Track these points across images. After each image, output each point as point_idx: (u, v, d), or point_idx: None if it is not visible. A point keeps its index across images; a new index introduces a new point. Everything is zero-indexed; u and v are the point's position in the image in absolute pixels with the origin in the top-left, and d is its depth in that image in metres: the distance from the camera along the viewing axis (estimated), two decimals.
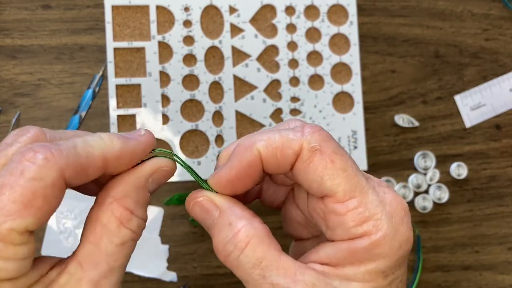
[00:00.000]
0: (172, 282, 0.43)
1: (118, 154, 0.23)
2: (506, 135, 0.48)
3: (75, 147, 0.22)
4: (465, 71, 0.48)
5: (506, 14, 0.49)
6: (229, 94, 0.44)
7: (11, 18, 0.43)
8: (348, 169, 0.24)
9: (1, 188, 0.20)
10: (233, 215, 0.25)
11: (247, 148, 0.24)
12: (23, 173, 0.20)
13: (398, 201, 0.24)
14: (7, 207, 0.20)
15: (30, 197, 0.20)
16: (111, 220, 0.23)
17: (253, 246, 0.24)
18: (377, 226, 0.23)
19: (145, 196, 0.25)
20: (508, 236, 0.47)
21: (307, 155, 0.24)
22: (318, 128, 0.24)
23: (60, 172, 0.21)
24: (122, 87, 0.43)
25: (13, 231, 0.20)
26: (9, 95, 0.43)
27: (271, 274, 0.24)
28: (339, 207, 0.24)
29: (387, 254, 0.23)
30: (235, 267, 0.24)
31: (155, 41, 0.44)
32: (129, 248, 0.24)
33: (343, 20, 0.46)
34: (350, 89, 0.46)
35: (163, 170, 0.25)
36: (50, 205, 0.21)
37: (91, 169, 0.22)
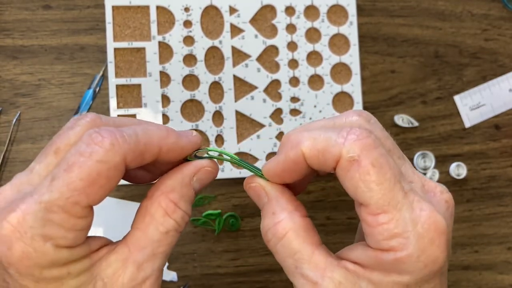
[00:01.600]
0: (172, 282, 0.43)
1: (171, 146, 0.26)
2: (506, 135, 0.48)
3: (137, 134, 0.24)
4: (464, 71, 0.48)
5: (506, 14, 0.49)
6: (229, 94, 0.44)
7: (11, 18, 0.43)
8: (384, 183, 0.24)
9: (72, 166, 0.23)
10: (277, 205, 0.27)
11: (292, 146, 0.26)
12: (92, 155, 0.23)
13: (433, 221, 0.24)
14: (75, 183, 0.22)
15: (95, 177, 0.23)
16: (158, 210, 0.25)
17: (289, 238, 0.26)
18: (403, 244, 0.24)
19: (190, 193, 0.27)
20: (507, 236, 0.47)
21: (345, 164, 0.24)
22: (364, 135, 0.24)
23: (123, 157, 0.23)
24: (123, 87, 0.43)
25: (77, 205, 0.22)
26: (9, 95, 0.43)
27: (302, 266, 0.25)
28: (371, 219, 0.24)
29: (411, 271, 0.24)
30: (274, 252, 0.27)
31: (155, 41, 0.44)
32: (172, 238, 0.26)
33: (343, 20, 0.46)
34: (350, 89, 0.46)
35: (206, 170, 0.28)
36: (111, 185, 0.23)
37: (148, 155, 0.25)
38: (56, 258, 0.23)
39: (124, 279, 0.24)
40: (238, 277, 0.44)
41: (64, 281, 0.23)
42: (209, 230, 0.44)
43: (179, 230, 0.26)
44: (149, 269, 0.25)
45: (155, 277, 0.25)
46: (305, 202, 0.43)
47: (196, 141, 0.28)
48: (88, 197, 0.23)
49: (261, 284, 0.44)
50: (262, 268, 0.44)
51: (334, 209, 0.45)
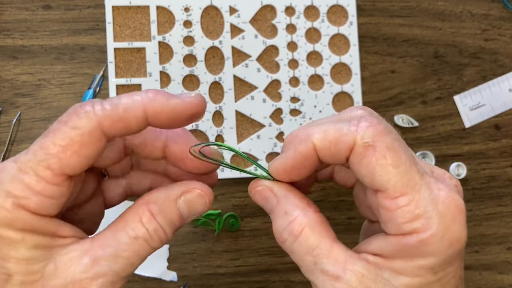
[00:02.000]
0: (172, 282, 0.43)
1: (159, 108, 0.24)
2: (506, 135, 0.48)
3: (116, 102, 0.24)
4: (464, 71, 0.48)
5: (506, 14, 0.49)
6: (229, 94, 0.44)
7: (11, 18, 0.43)
8: (400, 166, 0.24)
9: (48, 133, 0.23)
10: (289, 204, 0.26)
11: (302, 141, 0.25)
12: (67, 122, 0.23)
13: (452, 199, 0.24)
14: (49, 147, 0.23)
15: (69, 142, 0.23)
16: (133, 217, 0.25)
17: (306, 234, 0.25)
18: (426, 225, 0.23)
19: (172, 210, 0.26)
20: (507, 236, 0.47)
21: (360, 150, 0.24)
22: (375, 122, 0.24)
23: (97, 123, 0.23)
24: (123, 87, 0.43)
25: (48, 169, 0.23)
26: (9, 95, 0.43)
27: (322, 262, 0.25)
28: (390, 203, 0.24)
29: (436, 252, 0.24)
30: (290, 252, 0.26)
31: (156, 41, 0.44)
32: (140, 246, 0.25)
33: (343, 21, 0.46)
34: (350, 89, 0.46)
35: (196, 192, 0.26)
36: (87, 152, 0.23)
37: (132, 120, 0.24)
38: (14, 217, 0.22)
39: (76, 268, 0.23)
40: (238, 277, 0.44)
41: (17, 246, 0.23)
42: (209, 230, 0.44)
43: (150, 243, 0.25)
44: (105, 267, 0.24)
45: (111, 280, 0.24)
46: None
47: (191, 101, 0.25)
48: (61, 162, 0.23)
49: (261, 284, 0.44)
50: (262, 268, 0.44)
51: (334, 209, 0.45)
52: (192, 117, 0.25)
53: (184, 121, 0.25)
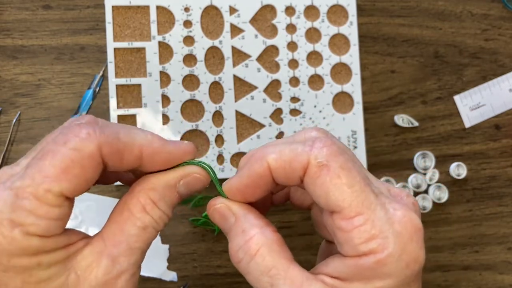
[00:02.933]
0: (172, 282, 0.43)
1: (155, 150, 0.25)
2: (506, 135, 0.48)
3: (118, 131, 0.24)
4: (464, 71, 0.48)
5: (506, 14, 0.49)
6: (229, 94, 0.44)
7: (11, 18, 0.43)
8: (355, 185, 0.24)
9: (45, 154, 0.23)
10: (246, 222, 0.26)
11: (257, 160, 0.25)
12: (66, 143, 0.23)
13: (408, 218, 0.24)
14: (47, 170, 0.22)
15: (69, 164, 0.22)
16: (137, 206, 0.25)
17: (263, 254, 0.25)
18: (383, 245, 0.23)
19: (172, 196, 0.26)
20: (507, 236, 0.47)
21: (314, 169, 0.24)
22: (329, 143, 0.24)
23: (97, 147, 0.23)
24: (123, 87, 0.43)
25: (49, 192, 0.22)
26: (9, 95, 0.43)
27: (278, 283, 0.24)
28: (345, 223, 0.24)
29: (393, 273, 0.23)
30: (246, 272, 0.25)
31: (155, 41, 0.44)
32: (149, 234, 0.25)
33: (343, 21, 0.46)
34: (350, 89, 0.46)
35: (195, 176, 0.27)
36: (86, 175, 0.23)
37: (127, 155, 0.24)
38: (26, 246, 0.22)
39: (98, 272, 0.23)
40: (238, 277, 0.44)
41: (33, 272, 0.22)
42: (209, 230, 0.44)
43: (157, 229, 0.25)
44: (124, 263, 0.24)
45: (131, 272, 0.24)
46: None
47: (185, 148, 0.26)
48: (60, 185, 0.22)
49: None
50: None
51: None
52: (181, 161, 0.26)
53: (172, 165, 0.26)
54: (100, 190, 0.42)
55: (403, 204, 0.25)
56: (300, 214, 0.41)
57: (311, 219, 0.31)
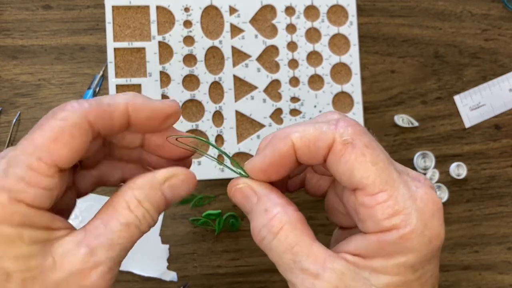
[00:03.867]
0: (172, 282, 0.43)
1: (139, 106, 0.26)
2: (506, 135, 0.48)
3: (100, 98, 0.25)
4: (464, 71, 0.48)
5: (506, 14, 0.49)
6: (229, 94, 0.44)
7: (11, 18, 0.43)
8: (379, 163, 0.24)
9: (36, 128, 0.24)
10: (269, 201, 0.26)
11: (281, 139, 0.26)
12: (54, 116, 0.24)
13: (430, 196, 0.25)
14: (38, 140, 0.23)
15: (58, 134, 0.23)
16: (121, 203, 0.25)
17: (286, 232, 0.25)
18: (406, 220, 0.24)
19: (157, 196, 0.26)
20: (507, 236, 0.47)
21: (339, 147, 0.24)
22: (353, 122, 0.25)
23: (83, 115, 0.24)
24: (123, 87, 0.43)
25: (40, 161, 0.23)
26: (9, 95, 0.43)
27: (301, 260, 0.25)
28: (369, 200, 0.24)
29: (416, 249, 0.24)
30: (269, 250, 0.26)
31: (155, 41, 0.44)
32: (131, 232, 0.25)
33: (343, 21, 0.46)
34: (350, 89, 0.46)
35: (178, 178, 0.27)
36: (76, 143, 0.24)
37: (115, 114, 0.25)
38: (11, 212, 0.22)
39: (74, 260, 0.23)
40: (238, 277, 0.44)
41: (15, 243, 0.22)
42: (209, 230, 0.44)
43: (140, 228, 0.25)
44: (102, 256, 0.24)
45: (108, 266, 0.24)
46: (306, 202, 0.43)
47: (170, 104, 0.27)
48: (51, 154, 0.23)
49: (261, 284, 0.44)
50: (262, 268, 0.44)
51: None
52: (168, 118, 0.27)
53: (161, 121, 0.27)
54: (100, 190, 0.42)
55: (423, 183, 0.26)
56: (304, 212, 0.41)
57: (325, 207, 0.31)
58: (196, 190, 0.44)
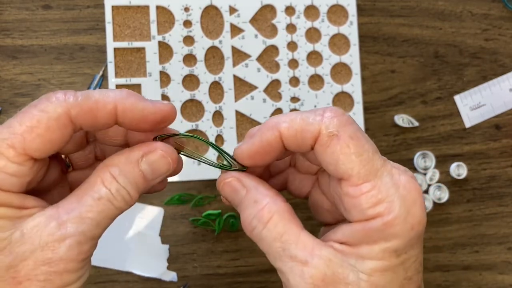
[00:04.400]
0: (172, 282, 0.43)
1: (128, 106, 0.25)
2: (506, 135, 0.48)
3: (89, 93, 0.25)
4: (464, 71, 0.48)
5: (506, 14, 0.49)
6: (229, 94, 0.44)
7: (11, 18, 0.43)
8: (363, 154, 0.25)
9: (18, 115, 0.24)
10: (258, 193, 0.27)
11: (269, 129, 0.26)
12: (36, 105, 0.24)
13: (412, 184, 0.25)
14: (14, 127, 0.24)
15: (34, 124, 0.23)
16: (95, 179, 0.25)
17: (275, 221, 0.26)
18: (389, 208, 0.24)
19: (134, 172, 0.26)
20: (507, 236, 0.47)
21: (325, 139, 0.25)
22: (339, 113, 0.26)
23: (65, 109, 0.24)
24: (123, 87, 0.43)
25: (11, 148, 0.23)
26: (9, 95, 0.43)
27: (290, 247, 0.25)
28: (354, 190, 0.25)
29: (399, 235, 0.25)
30: (259, 240, 0.26)
31: (155, 41, 0.44)
32: (104, 206, 0.25)
33: (343, 20, 0.46)
34: (350, 89, 0.46)
35: (158, 153, 0.26)
36: (51, 136, 0.24)
37: (101, 113, 0.25)
38: None
39: (42, 232, 0.24)
40: (238, 277, 0.44)
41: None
42: (209, 230, 0.44)
43: (114, 203, 0.25)
44: (71, 229, 0.24)
45: (78, 240, 0.24)
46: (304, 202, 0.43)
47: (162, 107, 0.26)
48: (24, 142, 0.23)
49: (261, 284, 0.44)
50: (262, 268, 0.44)
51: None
52: (160, 122, 0.26)
53: (151, 124, 0.26)
54: None
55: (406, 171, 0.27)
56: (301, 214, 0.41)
57: (310, 206, 0.32)
58: (196, 190, 0.44)
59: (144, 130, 0.26)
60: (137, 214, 0.43)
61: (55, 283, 0.24)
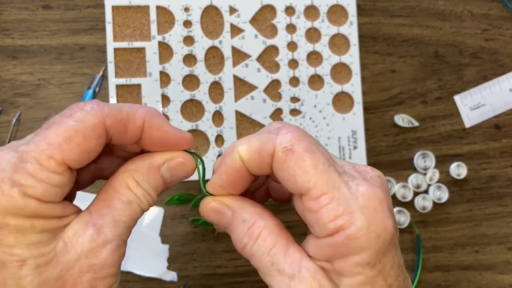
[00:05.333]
0: (172, 282, 0.43)
1: (155, 125, 0.26)
2: (506, 135, 0.48)
3: (121, 105, 0.25)
4: (464, 71, 0.48)
5: (506, 14, 0.49)
6: (229, 94, 0.44)
7: (11, 18, 0.43)
8: (319, 166, 0.24)
9: (51, 125, 0.24)
10: (245, 212, 0.27)
11: (229, 154, 0.26)
12: (71, 115, 0.24)
13: (371, 192, 0.25)
14: (51, 138, 0.24)
15: (72, 134, 0.24)
16: (121, 184, 0.26)
17: (264, 235, 0.26)
18: (349, 220, 0.24)
19: (155, 178, 0.27)
20: (507, 236, 0.47)
21: (280, 155, 0.25)
22: (292, 129, 0.26)
23: (101, 119, 0.24)
24: (123, 87, 0.43)
25: (51, 158, 0.23)
26: (9, 95, 0.43)
27: (278, 261, 0.25)
28: (313, 204, 0.24)
29: (367, 246, 0.24)
30: (250, 256, 0.27)
31: (155, 41, 0.44)
32: (134, 209, 0.26)
33: (343, 20, 0.46)
34: (350, 89, 0.46)
35: (179, 161, 0.27)
36: (88, 145, 0.24)
37: (131, 125, 0.25)
38: (22, 206, 0.23)
39: (84, 239, 0.24)
40: (238, 277, 0.44)
41: (25, 234, 0.23)
42: (209, 230, 0.44)
43: (142, 206, 0.26)
44: (110, 234, 0.25)
45: (117, 244, 0.25)
46: None
47: (186, 135, 0.27)
48: (63, 153, 0.23)
49: (261, 284, 0.44)
50: None
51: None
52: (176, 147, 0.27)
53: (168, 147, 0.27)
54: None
55: (368, 179, 0.26)
56: None
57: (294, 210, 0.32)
58: (196, 190, 0.44)
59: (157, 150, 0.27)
60: None
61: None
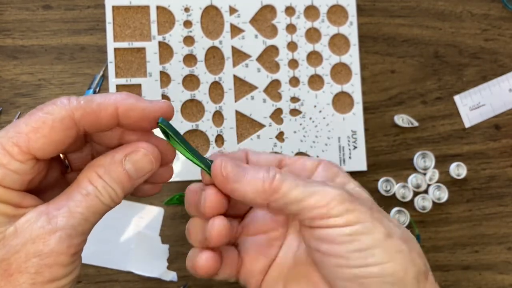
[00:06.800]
0: (172, 282, 0.43)
1: (129, 106, 0.26)
2: (506, 135, 0.48)
3: (92, 97, 0.26)
4: (464, 71, 0.48)
5: (506, 14, 0.49)
6: (229, 94, 0.44)
7: (11, 18, 0.43)
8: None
9: (24, 117, 0.25)
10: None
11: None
12: (43, 108, 0.25)
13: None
14: (20, 127, 0.25)
15: (39, 125, 0.25)
16: (83, 178, 0.27)
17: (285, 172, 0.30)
18: None
19: (117, 171, 0.27)
20: (507, 236, 0.47)
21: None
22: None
23: (69, 112, 0.25)
24: (123, 87, 0.43)
25: (16, 146, 0.24)
26: (9, 95, 0.43)
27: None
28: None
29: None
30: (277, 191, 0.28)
31: (156, 41, 0.44)
32: (92, 201, 0.26)
33: (343, 21, 0.46)
34: (350, 89, 0.46)
35: (139, 153, 0.27)
36: (55, 137, 0.25)
37: (103, 115, 0.26)
38: None
39: (33, 226, 0.25)
40: None
41: None
42: None
43: (101, 199, 0.26)
44: (61, 222, 0.25)
45: (68, 233, 0.25)
46: None
47: (160, 104, 0.27)
48: (28, 142, 0.24)
49: None
50: None
51: None
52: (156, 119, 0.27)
53: (151, 122, 0.27)
54: None
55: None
56: None
57: None
58: None
59: (144, 128, 0.28)
60: (137, 214, 0.43)
61: (45, 276, 0.24)
